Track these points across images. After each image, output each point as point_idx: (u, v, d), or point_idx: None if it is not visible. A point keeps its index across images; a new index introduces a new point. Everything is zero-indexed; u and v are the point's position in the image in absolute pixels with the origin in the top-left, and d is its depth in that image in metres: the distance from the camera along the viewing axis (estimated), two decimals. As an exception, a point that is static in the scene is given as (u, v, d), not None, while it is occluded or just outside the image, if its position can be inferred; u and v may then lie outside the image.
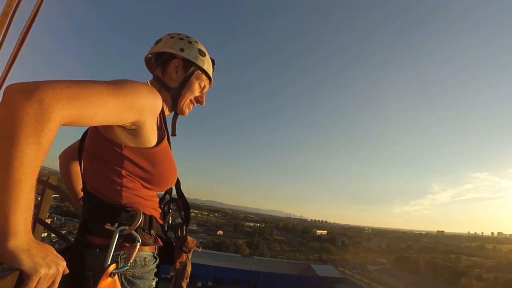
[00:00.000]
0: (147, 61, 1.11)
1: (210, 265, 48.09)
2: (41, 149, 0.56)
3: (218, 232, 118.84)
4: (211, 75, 1.10)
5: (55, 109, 0.56)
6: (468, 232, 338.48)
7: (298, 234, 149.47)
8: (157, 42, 1.05)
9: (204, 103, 1.11)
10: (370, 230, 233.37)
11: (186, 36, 1.05)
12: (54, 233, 2.56)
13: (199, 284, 46.56)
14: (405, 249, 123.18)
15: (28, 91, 0.55)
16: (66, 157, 1.18)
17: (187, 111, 1.08)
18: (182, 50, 1.00)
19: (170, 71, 1.01)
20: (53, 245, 0.67)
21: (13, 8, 1.81)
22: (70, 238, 2.46)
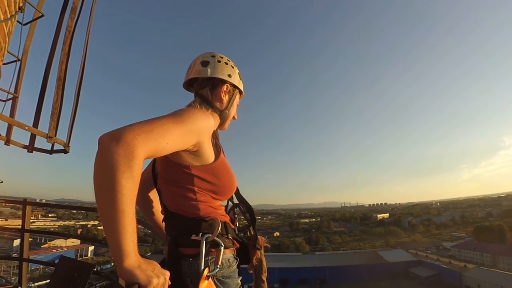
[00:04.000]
0: (190, 81, 1.18)
1: (273, 267, 48.49)
2: (135, 181, 0.69)
3: (275, 234, 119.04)
4: (243, 93, 1.26)
5: (138, 146, 0.70)
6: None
7: (358, 222, 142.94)
8: (204, 65, 1.12)
9: (236, 118, 1.26)
10: (438, 204, 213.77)
11: (228, 60, 1.18)
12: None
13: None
14: (485, 218, 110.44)
15: (116, 137, 0.68)
16: (139, 190, 1.34)
17: (227, 127, 1.23)
18: (230, 76, 1.13)
19: (220, 94, 1.13)
20: None
21: (64, 73, 2.14)
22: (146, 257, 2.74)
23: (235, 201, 1.28)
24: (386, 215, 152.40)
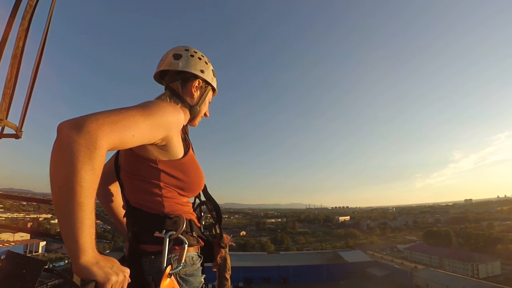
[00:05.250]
0: (161, 73, 1.14)
1: (239, 266, 48.51)
2: (96, 173, 0.65)
3: (241, 233, 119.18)
4: (216, 90, 1.23)
5: (101, 137, 0.66)
6: (498, 196, 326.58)
7: (321, 224, 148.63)
8: (176, 58, 1.08)
9: (208, 115, 1.22)
10: (394, 209, 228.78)
11: (202, 55, 1.14)
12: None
13: (231, 286, 46.97)
14: (434, 223, 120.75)
15: (78, 125, 0.64)
16: (100, 183, 1.27)
17: (198, 123, 1.20)
18: (202, 71, 1.10)
19: (191, 89, 1.09)
20: None
21: (20, 50, 1.94)
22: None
23: (203, 198, 1.26)
24: (347, 217, 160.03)
